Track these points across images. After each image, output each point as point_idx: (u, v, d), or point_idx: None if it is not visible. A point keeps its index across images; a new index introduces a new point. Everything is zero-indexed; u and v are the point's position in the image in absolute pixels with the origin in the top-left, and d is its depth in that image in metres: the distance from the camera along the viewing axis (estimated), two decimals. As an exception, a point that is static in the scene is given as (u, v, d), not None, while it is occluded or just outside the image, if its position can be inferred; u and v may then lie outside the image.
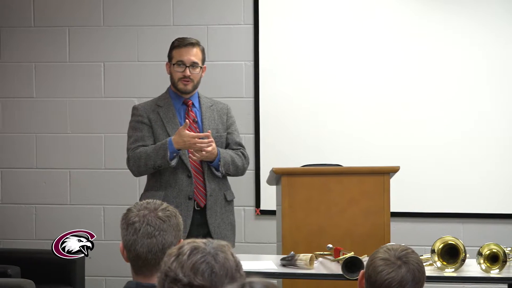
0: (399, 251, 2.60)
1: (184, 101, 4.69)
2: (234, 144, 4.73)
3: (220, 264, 1.99)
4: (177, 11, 6.23)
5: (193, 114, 4.68)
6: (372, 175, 4.53)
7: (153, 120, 4.65)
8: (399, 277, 2.55)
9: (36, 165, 6.36)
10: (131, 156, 4.61)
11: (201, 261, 1.99)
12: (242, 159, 4.71)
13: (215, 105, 4.76)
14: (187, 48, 4.66)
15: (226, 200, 4.67)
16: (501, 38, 5.94)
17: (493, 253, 3.92)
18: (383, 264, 2.57)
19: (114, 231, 6.11)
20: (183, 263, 1.99)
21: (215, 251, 2.01)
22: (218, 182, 4.63)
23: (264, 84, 6.13)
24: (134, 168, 4.63)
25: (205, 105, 4.72)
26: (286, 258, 4.06)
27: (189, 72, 4.62)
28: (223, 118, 4.74)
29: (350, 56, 6.05)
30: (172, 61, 4.67)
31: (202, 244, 2.03)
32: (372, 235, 4.42)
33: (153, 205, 2.63)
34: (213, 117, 4.70)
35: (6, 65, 6.40)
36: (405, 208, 5.93)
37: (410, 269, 2.56)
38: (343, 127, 6.03)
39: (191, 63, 4.64)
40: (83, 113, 6.32)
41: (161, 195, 4.53)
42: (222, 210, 4.63)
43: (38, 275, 5.63)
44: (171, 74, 4.69)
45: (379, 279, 2.56)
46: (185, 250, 2.01)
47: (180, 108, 4.69)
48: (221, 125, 4.72)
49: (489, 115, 5.95)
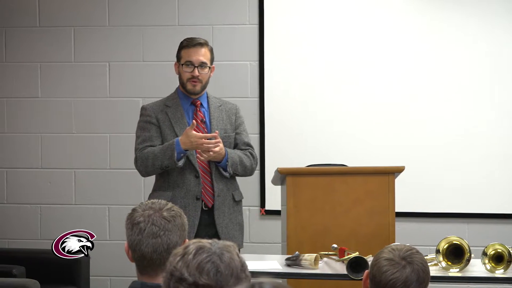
0: (403, 251, 2.60)
1: (192, 101, 4.70)
2: (243, 145, 4.73)
3: (226, 264, 1.99)
4: (182, 11, 6.23)
5: (201, 114, 4.68)
6: (377, 175, 4.52)
7: (161, 120, 4.65)
8: (403, 277, 2.55)
9: (41, 165, 6.37)
10: (139, 156, 4.62)
11: (206, 260, 1.99)
12: (251, 159, 4.70)
13: (224, 105, 4.76)
14: (195, 48, 4.66)
15: (235, 201, 4.67)
16: (503, 37, 5.93)
17: (498, 253, 3.92)
18: (387, 264, 2.57)
19: (119, 231, 6.11)
20: (188, 263, 1.99)
21: (221, 251, 2.01)
22: (226, 182, 4.63)
23: (269, 84, 6.13)
24: (141, 168, 4.63)
25: (213, 105, 4.71)
26: (291, 258, 4.06)
27: (197, 72, 4.62)
28: (231, 118, 4.74)
29: (355, 56, 6.05)
30: (180, 61, 4.67)
31: (207, 244, 2.03)
32: (377, 235, 4.42)
33: (158, 205, 2.63)
34: (221, 118, 4.70)
35: (11, 65, 6.41)
36: (410, 208, 5.93)
37: (415, 269, 2.56)
38: (348, 127, 6.03)
39: (199, 63, 4.64)
40: (88, 113, 6.33)
41: (169, 195, 4.54)
42: (230, 211, 4.63)
43: (43, 275, 5.64)
44: (180, 74, 4.69)
45: (384, 279, 2.56)
46: (190, 250, 2.01)
47: (188, 108, 4.69)
48: (229, 125, 4.72)
49: (494, 115, 5.94)
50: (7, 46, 6.41)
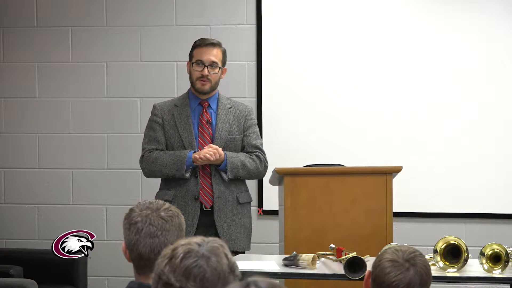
0: (407, 253, 2.59)
1: (200, 102, 4.70)
2: (250, 147, 4.72)
3: (212, 268, 1.99)
4: (180, 11, 6.23)
5: (208, 115, 4.69)
6: (374, 175, 4.52)
7: (166, 120, 4.68)
8: (407, 280, 2.54)
9: (38, 165, 6.36)
10: (146, 157, 4.66)
11: (193, 265, 1.99)
12: (257, 162, 4.69)
13: (235, 107, 4.76)
14: (207, 48, 4.68)
15: (239, 203, 4.67)
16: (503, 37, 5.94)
17: (496, 253, 3.92)
18: (391, 265, 2.57)
19: (117, 231, 6.11)
20: (175, 267, 1.99)
21: (209, 254, 2.00)
22: (229, 184, 4.64)
23: (266, 84, 6.13)
24: (146, 170, 4.70)
25: (222, 107, 4.71)
26: (288, 258, 4.06)
27: (207, 72, 4.63)
28: (240, 121, 4.73)
29: (352, 56, 6.05)
30: (192, 60, 4.69)
31: (196, 246, 2.02)
32: (374, 235, 4.42)
33: (155, 205, 2.63)
34: (228, 119, 4.70)
35: (9, 65, 6.40)
36: (408, 208, 5.93)
37: (418, 272, 2.56)
38: (346, 127, 6.03)
39: (210, 62, 4.65)
40: (86, 113, 6.32)
41: (171, 194, 4.59)
42: (234, 213, 4.64)
43: (41, 275, 5.64)
44: (190, 74, 4.71)
45: (387, 280, 2.55)
46: (178, 253, 2.01)
47: (196, 109, 4.70)
48: (236, 127, 4.72)
49: (492, 115, 5.95)
50: (4, 46, 6.41)
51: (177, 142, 4.64)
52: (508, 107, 5.94)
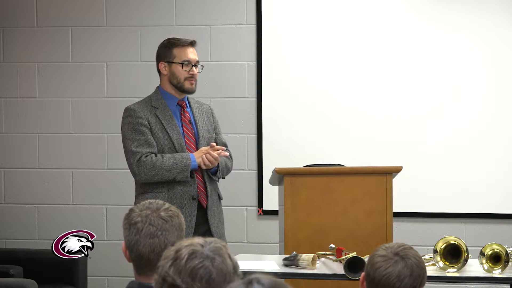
0: (395, 247, 2.61)
1: (178, 102, 4.68)
2: (222, 146, 4.70)
3: (218, 269, 1.99)
4: (180, 11, 6.23)
5: (188, 115, 4.67)
6: (374, 175, 4.52)
7: (152, 122, 4.59)
8: (396, 271, 2.55)
9: (38, 165, 6.37)
10: (143, 161, 4.50)
11: (199, 266, 1.99)
12: (231, 161, 4.73)
13: (201, 106, 4.77)
14: (190, 47, 4.67)
15: (219, 199, 4.70)
16: (504, 37, 5.94)
17: (496, 253, 3.92)
18: (380, 260, 2.58)
19: (117, 231, 6.12)
20: (181, 269, 1.99)
21: (213, 255, 2.01)
22: (213, 183, 4.65)
23: (266, 84, 6.13)
24: (143, 175, 4.53)
25: (194, 106, 4.72)
26: (288, 258, 4.07)
27: (196, 71, 4.63)
28: (210, 119, 4.75)
29: (352, 56, 6.05)
30: (174, 60, 4.65)
31: (199, 246, 2.02)
32: (374, 235, 4.42)
33: (155, 205, 2.63)
34: (203, 118, 4.70)
35: (9, 65, 6.40)
36: (408, 208, 5.93)
37: (408, 264, 2.56)
38: (346, 127, 6.03)
39: (195, 62, 4.65)
40: (86, 113, 6.33)
41: (164, 196, 4.51)
42: (218, 210, 4.67)
43: (41, 275, 5.64)
44: (172, 74, 4.66)
45: (377, 275, 2.56)
46: (183, 255, 2.00)
47: (175, 109, 4.67)
48: (210, 126, 4.73)
49: (492, 115, 5.95)
50: (4, 46, 6.41)
51: (167, 143, 4.57)
52: (509, 107, 5.94)
